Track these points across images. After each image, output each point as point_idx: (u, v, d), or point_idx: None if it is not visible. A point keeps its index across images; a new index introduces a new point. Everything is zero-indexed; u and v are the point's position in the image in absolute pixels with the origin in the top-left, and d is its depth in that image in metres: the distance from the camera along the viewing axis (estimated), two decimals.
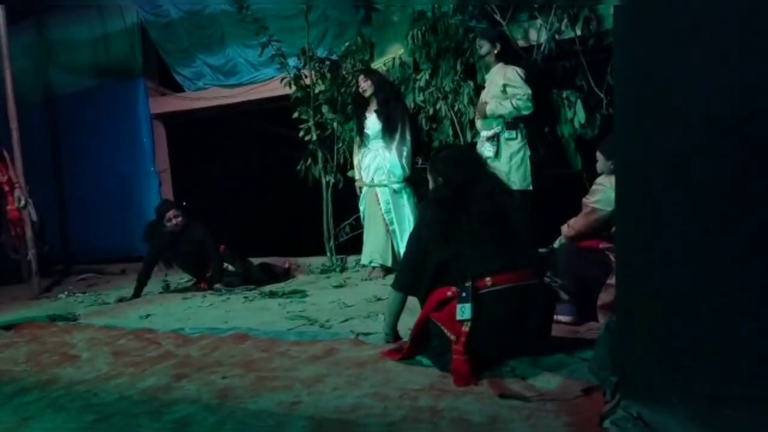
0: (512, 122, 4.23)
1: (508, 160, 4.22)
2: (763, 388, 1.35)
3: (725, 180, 1.40)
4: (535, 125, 4.44)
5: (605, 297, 2.71)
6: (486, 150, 4.28)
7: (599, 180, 2.96)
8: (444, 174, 2.37)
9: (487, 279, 2.12)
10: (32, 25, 7.42)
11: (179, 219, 4.89)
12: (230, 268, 5.02)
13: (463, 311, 2.09)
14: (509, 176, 4.07)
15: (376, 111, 4.79)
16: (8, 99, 5.86)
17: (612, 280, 2.67)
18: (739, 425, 1.37)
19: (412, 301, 2.44)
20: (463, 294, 2.11)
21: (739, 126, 1.37)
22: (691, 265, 1.47)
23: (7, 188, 4.91)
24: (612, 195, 2.18)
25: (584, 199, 2.98)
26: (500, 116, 4.22)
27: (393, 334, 2.57)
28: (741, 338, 1.40)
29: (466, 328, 2.09)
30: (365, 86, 4.78)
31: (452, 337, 2.11)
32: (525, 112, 4.15)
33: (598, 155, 3.01)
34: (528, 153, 4.29)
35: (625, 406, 1.61)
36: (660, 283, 1.55)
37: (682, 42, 1.46)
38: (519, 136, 4.27)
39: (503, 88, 4.20)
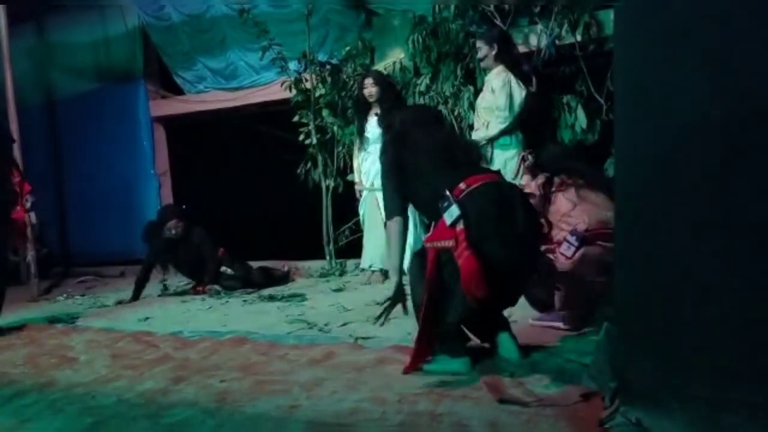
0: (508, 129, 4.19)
1: (503, 166, 4.12)
2: (762, 393, 1.35)
3: (726, 186, 1.40)
4: (535, 131, 4.43)
5: (562, 298, 2.70)
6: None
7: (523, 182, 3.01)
8: (399, 121, 2.56)
9: (461, 185, 2.17)
10: (33, 28, 7.44)
11: (180, 227, 4.91)
12: (229, 271, 5.02)
13: (451, 214, 2.11)
14: None
15: (377, 115, 4.79)
16: (9, 101, 5.87)
17: (562, 280, 2.67)
18: (738, 430, 1.37)
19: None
20: (445, 204, 2.13)
21: (740, 129, 1.37)
22: (690, 270, 1.47)
23: (18, 189, 4.92)
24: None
25: None
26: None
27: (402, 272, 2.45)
28: (740, 343, 1.39)
29: (460, 227, 2.09)
30: (372, 91, 4.74)
31: (451, 243, 2.10)
32: (501, 128, 4.11)
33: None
34: None
35: (624, 411, 1.61)
36: (659, 289, 1.55)
37: (682, 47, 1.46)
38: (514, 142, 4.16)
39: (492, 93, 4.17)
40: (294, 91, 5.45)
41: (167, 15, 6.59)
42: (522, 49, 4.80)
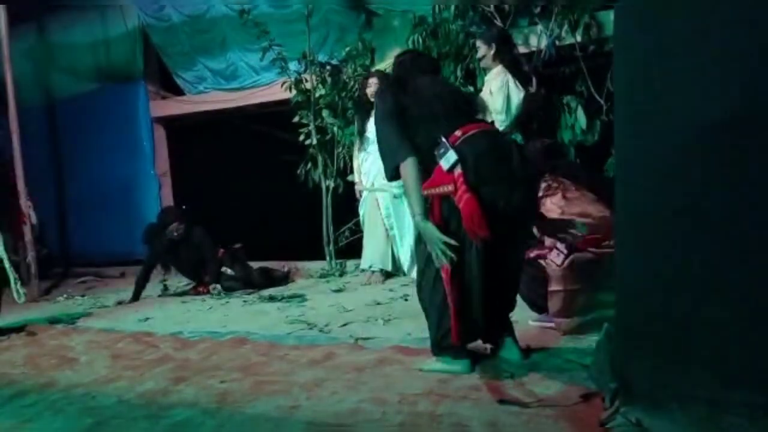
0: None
1: None
2: (762, 394, 1.35)
3: (725, 186, 1.40)
4: (534, 131, 4.43)
5: (554, 305, 2.70)
6: None
7: None
8: (398, 64, 2.54)
9: (457, 132, 2.18)
10: (33, 28, 7.43)
11: (181, 228, 4.92)
12: (229, 272, 5.02)
13: (448, 159, 2.12)
14: None
15: None
16: (9, 102, 5.87)
17: (553, 287, 2.67)
18: (738, 431, 1.37)
19: (418, 306, 2.42)
20: (442, 150, 2.14)
21: (740, 129, 1.37)
22: (691, 271, 1.47)
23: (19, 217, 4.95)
24: None
25: None
26: None
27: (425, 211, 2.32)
28: (740, 344, 1.40)
29: (458, 171, 2.10)
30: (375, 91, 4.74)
31: (450, 188, 2.11)
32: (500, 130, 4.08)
33: None
34: None
35: (625, 412, 1.61)
36: (659, 290, 1.55)
37: (682, 47, 1.47)
38: None
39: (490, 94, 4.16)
40: (294, 92, 5.45)
41: (167, 15, 6.58)
42: (522, 49, 4.80)
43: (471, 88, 4.75)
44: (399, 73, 2.50)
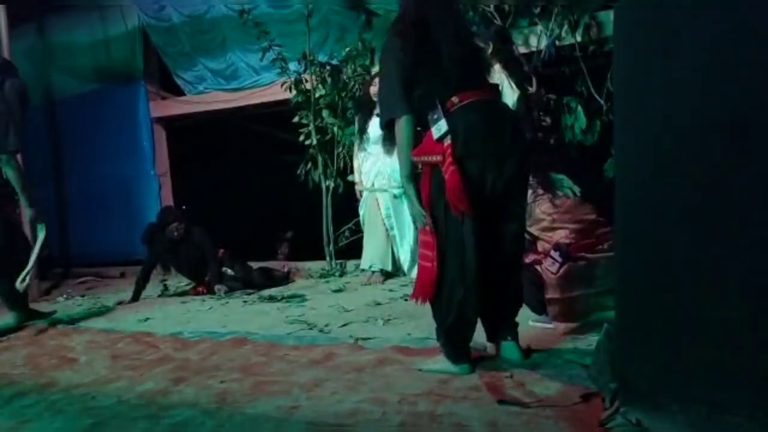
0: None
1: None
2: (762, 394, 1.35)
3: (726, 186, 1.40)
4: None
5: (553, 311, 2.71)
6: None
7: None
8: (405, 7, 2.36)
9: (454, 98, 2.16)
10: (33, 28, 7.42)
11: (182, 228, 4.92)
12: (229, 272, 5.02)
13: (439, 128, 2.11)
14: None
15: (377, 115, 4.79)
16: None
17: (550, 295, 2.68)
18: (738, 431, 1.37)
19: (418, 307, 2.41)
20: (435, 116, 2.13)
21: (739, 129, 1.37)
22: (690, 271, 1.47)
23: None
24: None
25: None
26: None
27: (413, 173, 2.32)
28: (740, 344, 1.40)
29: (447, 142, 2.11)
30: None
31: (438, 158, 2.11)
32: None
33: None
34: None
35: (625, 412, 1.62)
36: (659, 289, 1.55)
37: (682, 48, 1.46)
38: None
39: None
40: (294, 92, 5.45)
41: (167, 16, 6.58)
42: (522, 50, 4.80)
43: None
44: (417, 12, 2.25)
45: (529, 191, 2.85)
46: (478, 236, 2.13)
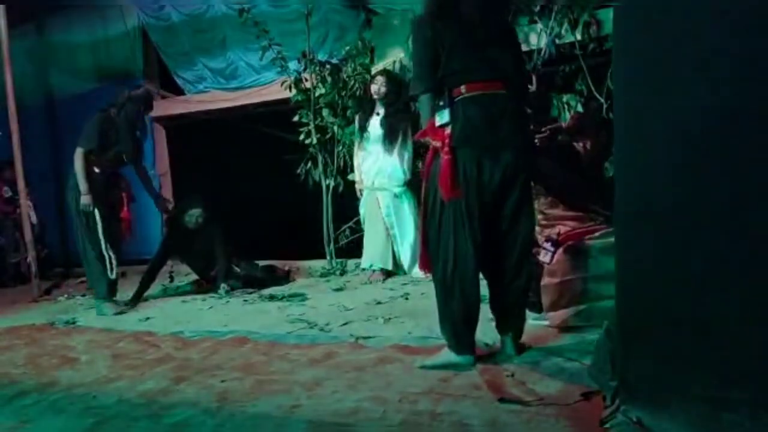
0: None
1: None
2: (762, 392, 1.35)
3: (726, 185, 1.40)
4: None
5: (548, 298, 2.75)
6: None
7: None
8: None
9: (462, 88, 2.24)
10: (33, 28, 7.42)
11: (201, 218, 4.88)
12: (236, 269, 5.02)
13: (442, 117, 2.25)
14: None
15: (378, 115, 4.79)
16: (9, 101, 5.86)
17: (545, 281, 2.74)
18: (739, 430, 1.37)
19: (419, 305, 2.42)
20: (441, 103, 2.27)
21: (739, 128, 1.37)
22: (690, 270, 1.47)
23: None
24: None
25: None
26: None
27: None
28: (740, 342, 1.40)
29: (447, 131, 2.22)
30: (382, 89, 4.73)
31: (438, 144, 2.24)
32: None
33: None
34: None
35: (625, 410, 1.62)
36: (659, 289, 1.55)
37: (682, 46, 1.46)
38: None
39: None
40: (294, 91, 5.45)
41: (167, 15, 6.58)
42: (522, 48, 4.79)
43: None
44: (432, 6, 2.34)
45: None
46: (473, 223, 2.21)
